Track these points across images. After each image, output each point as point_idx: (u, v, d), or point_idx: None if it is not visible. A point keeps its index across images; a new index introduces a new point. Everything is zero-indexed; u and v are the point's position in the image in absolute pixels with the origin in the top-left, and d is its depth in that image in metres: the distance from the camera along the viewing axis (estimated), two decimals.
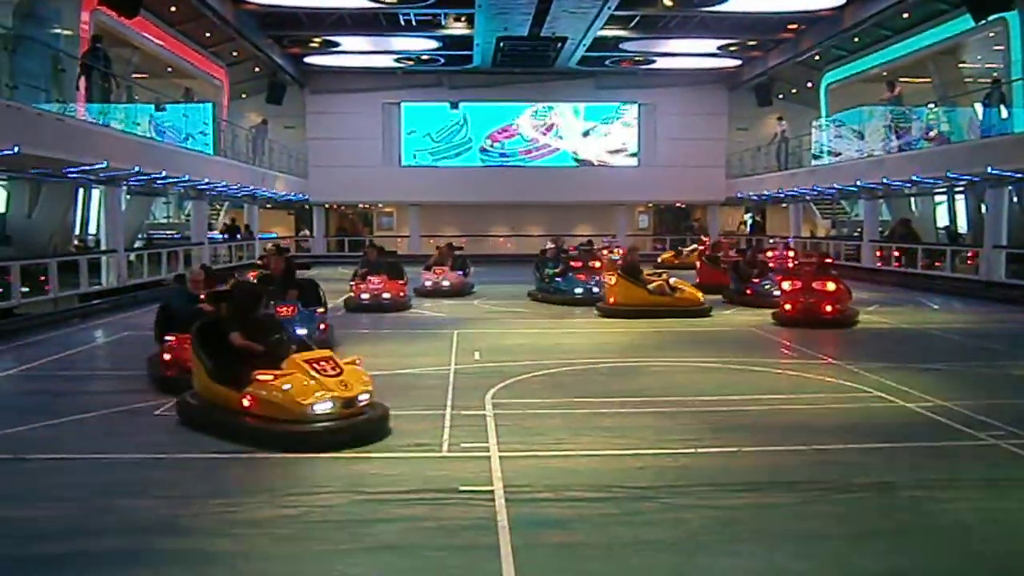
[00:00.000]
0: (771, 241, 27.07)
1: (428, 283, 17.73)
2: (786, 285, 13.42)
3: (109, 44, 20.28)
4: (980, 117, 19.46)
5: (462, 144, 32.18)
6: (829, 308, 12.83)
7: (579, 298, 15.81)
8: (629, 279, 14.26)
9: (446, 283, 17.72)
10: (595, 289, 15.82)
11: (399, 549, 4.38)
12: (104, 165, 14.43)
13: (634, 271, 14.46)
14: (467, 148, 32.15)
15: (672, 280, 14.59)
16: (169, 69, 23.55)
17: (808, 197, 26.92)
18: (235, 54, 25.74)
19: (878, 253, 22.74)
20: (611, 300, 14.40)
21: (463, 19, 23.56)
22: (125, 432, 6.77)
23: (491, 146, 32.21)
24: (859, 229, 25.42)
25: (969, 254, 19.46)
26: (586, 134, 32.34)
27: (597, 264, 17.27)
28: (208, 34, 23.46)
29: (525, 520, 4.72)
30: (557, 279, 16.81)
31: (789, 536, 4.55)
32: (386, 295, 15.00)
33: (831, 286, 13.07)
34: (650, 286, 14.21)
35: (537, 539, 4.49)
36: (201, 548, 4.41)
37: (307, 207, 31.87)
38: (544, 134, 32.29)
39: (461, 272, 18.30)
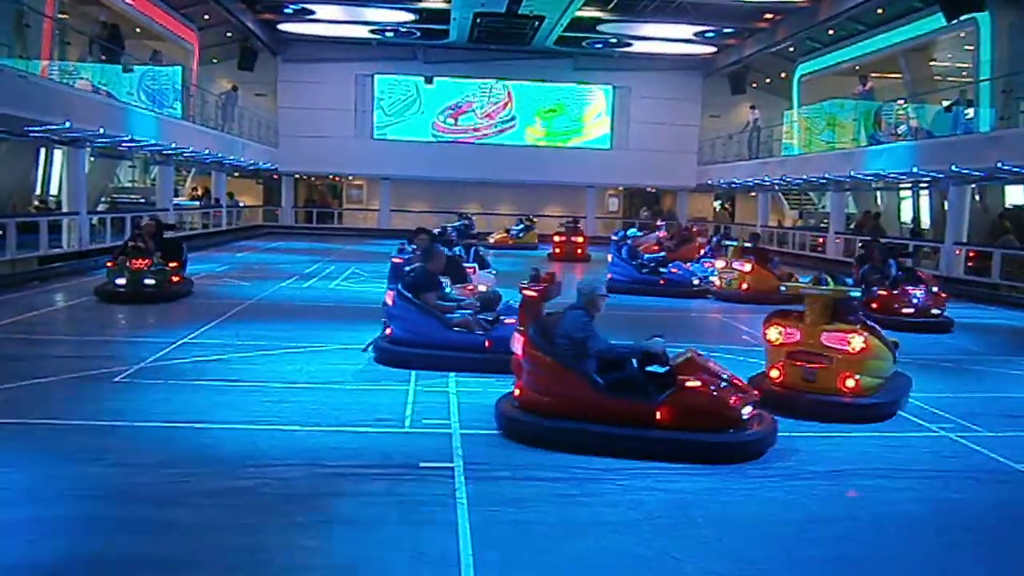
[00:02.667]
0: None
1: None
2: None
3: (76, 1, 19.82)
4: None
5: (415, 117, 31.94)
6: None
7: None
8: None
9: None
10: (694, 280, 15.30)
11: (356, 523, 4.39)
12: (67, 125, 14.11)
13: None
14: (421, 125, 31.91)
15: None
16: (138, 30, 23.00)
17: (777, 187, 27.17)
18: (206, 17, 25.19)
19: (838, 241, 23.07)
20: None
21: None
22: (82, 398, 6.67)
23: (444, 122, 31.93)
24: (825, 220, 25.72)
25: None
26: (545, 115, 32.20)
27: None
28: None
29: (484, 497, 4.75)
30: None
31: (741, 521, 4.63)
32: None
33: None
34: None
35: (495, 516, 4.52)
36: (156, 517, 4.38)
37: (276, 176, 31.49)
38: (496, 115, 32.08)
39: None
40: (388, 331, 8.39)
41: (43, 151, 18.50)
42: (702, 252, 18.11)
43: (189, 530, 4.23)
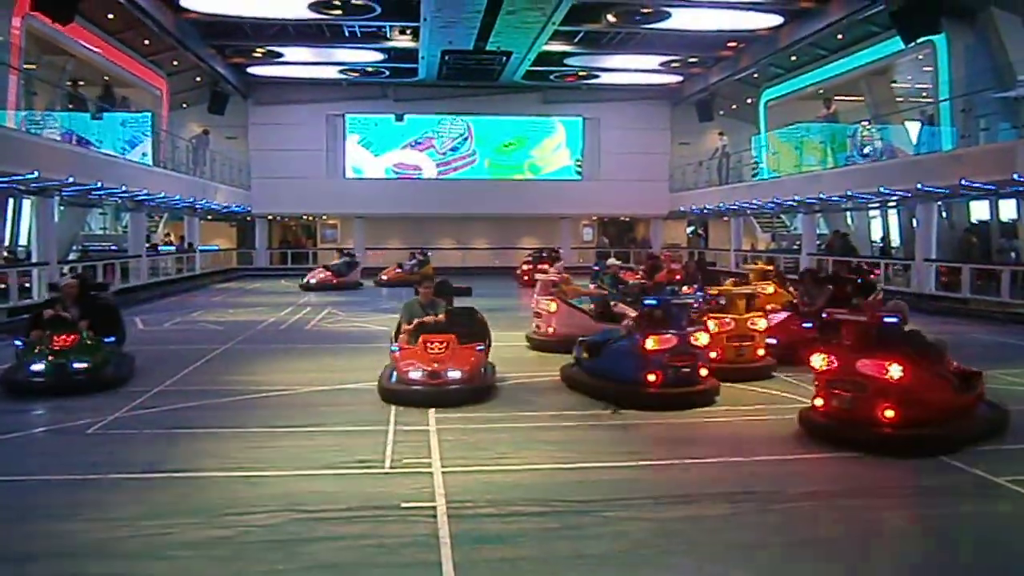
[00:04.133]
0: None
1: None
2: (817, 361, 6.95)
3: (42, 51, 19.83)
4: (913, 139, 20.23)
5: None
6: (890, 413, 6.41)
7: None
8: None
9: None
10: None
11: (338, 568, 4.33)
12: (35, 175, 14.02)
13: None
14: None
15: None
16: (106, 78, 23.02)
17: (749, 211, 27.50)
18: (176, 63, 25.31)
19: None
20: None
21: (408, 32, 23.55)
22: (56, 452, 6.56)
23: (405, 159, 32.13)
24: (798, 242, 26.03)
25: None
26: (504, 149, 32.45)
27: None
28: (147, 42, 23.02)
29: (467, 536, 4.71)
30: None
31: (725, 547, 4.63)
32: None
33: (894, 371, 6.39)
34: None
35: (479, 555, 4.48)
36: (133, 572, 4.30)
37: (249, 219, 31.41)
38: (456, 149, 32.30)
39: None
40: None
41: (11, 201, 18.34)
42: (678, 277, 18.18)
43: None
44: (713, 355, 9.01)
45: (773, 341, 10.26)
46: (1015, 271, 16.72)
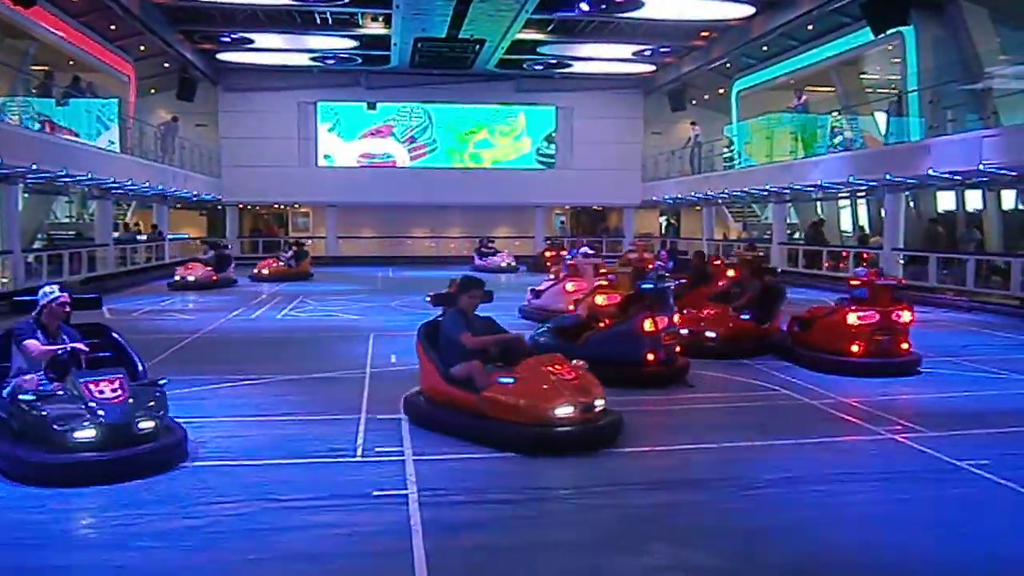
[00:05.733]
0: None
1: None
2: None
3: (3, 35, 19.39)
4: (882, 128, 20.44)
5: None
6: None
7: None
8: None
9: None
10: None
11: (310, 557, 4.30)
12: None
13: None
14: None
15: None
16: (71, 62, 22.56)
17: (720, 201, 27.66)
18: (143, 48, 24.81)
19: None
20: None
21: (380, 19, 23.34)
22: None
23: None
24: (769, 232, 26.24)
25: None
26: (465, 137, 32.33)
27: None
28: (113, 26, 22.54)
29: (439, 524, 4.70)
30: None
31: (698, 533, 4.66)
32: None
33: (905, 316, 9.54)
34: None
35: (451, 542, 4.47)
36: (100, 564, 4.22)
37: (220, 207, 31.04)
38: (416, 138, 32.12)
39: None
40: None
41: None
42: (651, 266, 18.33)
43: (137, 574, 4.10)
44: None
45: (712, 335, 10.41)
46: (979, 260, 16.99)
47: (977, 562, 4.33)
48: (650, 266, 18.46)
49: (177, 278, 19.89)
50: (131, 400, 5.65)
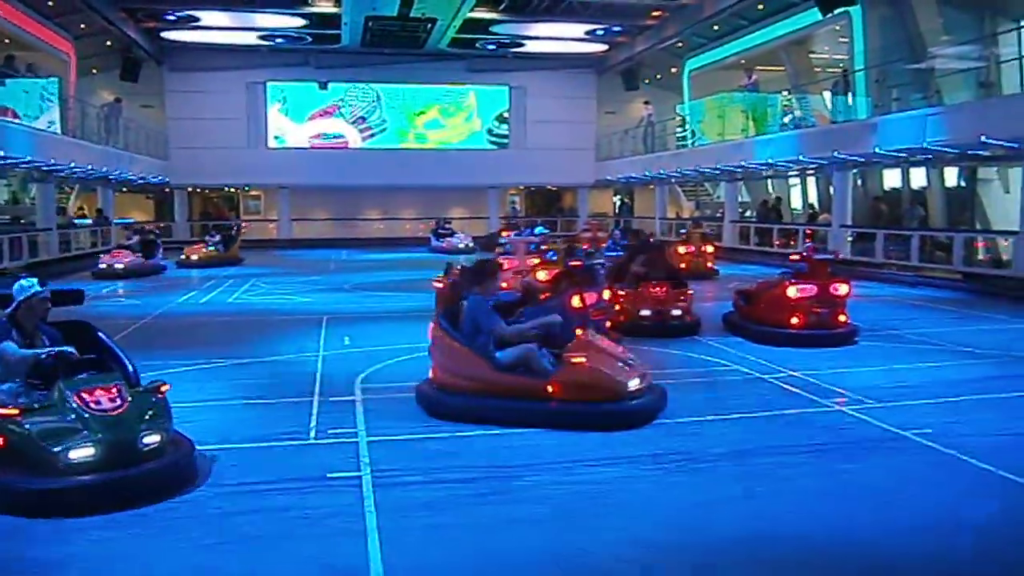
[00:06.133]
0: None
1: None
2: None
3: None
4: (828, 105, 20.75)
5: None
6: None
7: None
8: None
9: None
10: None
11: (263, 540, 4.26)
12: None
13: None
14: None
15: None
16: (6, 40, 21.78)
17: (673, 180, 27.88)
18: (83, 26, 24.04)
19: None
20: None
21: None
22: None
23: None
24: (721, 210, 26.55)
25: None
26: (414, 117, 32.11)
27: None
28: (51, 3, 21.81)
29: (394, 504, 4.69)
30: None
31: (649, 507, 4.72)
32: None
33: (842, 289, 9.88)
34: None
35: (406, 522, 4.46)
36: (50, 554, 4.12)
37: (168, 190, 30.37)
38: (365, 119, 31.82)
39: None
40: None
41: None
42: (604, 246, 18.49)
43: (87, 563, 4.02)
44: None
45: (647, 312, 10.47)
46: (924, 236, 17.41)
47: (926, 525, 4.45)
48: (601, 245, 18.82)
49: (103, 266, 18.50)
50: (133, 411, 4.92)
